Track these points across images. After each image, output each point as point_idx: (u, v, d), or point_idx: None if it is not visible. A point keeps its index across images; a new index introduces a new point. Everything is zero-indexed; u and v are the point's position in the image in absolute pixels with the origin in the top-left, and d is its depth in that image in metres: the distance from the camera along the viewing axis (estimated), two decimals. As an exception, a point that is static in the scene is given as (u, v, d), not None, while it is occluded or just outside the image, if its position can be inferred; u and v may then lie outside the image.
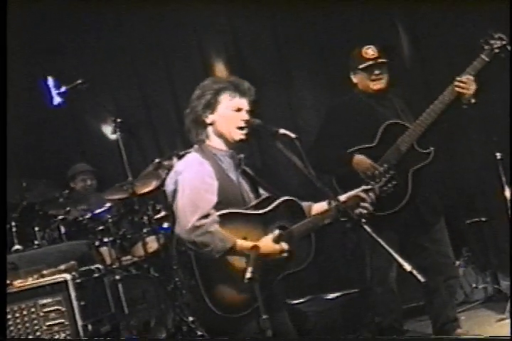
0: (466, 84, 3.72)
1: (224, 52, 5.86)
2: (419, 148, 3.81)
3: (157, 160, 4.91)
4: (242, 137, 2.99)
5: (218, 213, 2.84)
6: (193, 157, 2.99)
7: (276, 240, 2.84)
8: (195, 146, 3.05)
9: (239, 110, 2.99)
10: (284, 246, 2.87)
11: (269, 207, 2.96)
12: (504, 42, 3.77)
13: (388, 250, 2.65)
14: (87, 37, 5.89)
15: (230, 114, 2.98)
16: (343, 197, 3.03)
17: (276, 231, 2.86)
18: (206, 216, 2.80)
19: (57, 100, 4.55)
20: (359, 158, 3.84)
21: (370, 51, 3.92)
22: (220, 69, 5.82)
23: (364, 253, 4.01)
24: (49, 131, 6.00)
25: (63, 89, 4.53)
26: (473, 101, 3.77)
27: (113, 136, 4.73)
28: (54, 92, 4.56)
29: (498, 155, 4.36)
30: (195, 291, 2.81)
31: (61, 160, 5.87)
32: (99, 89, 5.58)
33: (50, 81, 4.56)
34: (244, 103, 2.99)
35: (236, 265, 2.81)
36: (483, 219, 4.98)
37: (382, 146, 3.83)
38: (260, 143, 5.65)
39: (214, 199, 2.87)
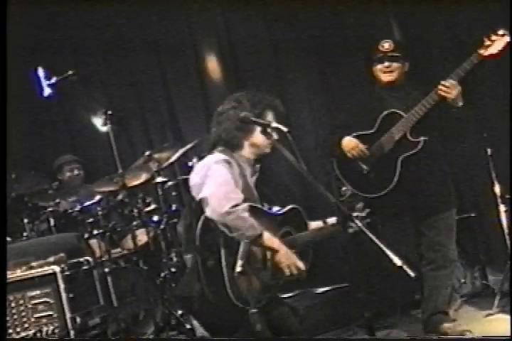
0: (449, 88, 3.81)
1: (217, 48, 5.84)
2: (411, 137, 3.93)
3: (147, 153, 4.90)
4: (268, 151, 3.16)
5: (247, 204, 2.95)
6: (220, 156, 3.07)
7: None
8: (220, 148, 3.12)
9: (273, 129, 3.11)
10: (302, 265, 2.95)
11: (282, 211, 3.11)
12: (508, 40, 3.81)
13: (379, 245, 2.66)
14: (79, 28, 5.85)
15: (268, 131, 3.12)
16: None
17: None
18: (238, 204, 2.91)
19: (47, 91, 4.51)
20: (346, 139, 4.02)
21: (386, 45, 4.03)
22: (213, 65, 5.80)
23: (355, 247, 4.02)
24: (39, 122, 5.97)
25: (54, 80, 4.49)
26: (460, 104, 3.86)
27: (103, 128, 4.70)
28: (44, 83, 4.52)
29: (489, 151, 4.39)
30: (214, 278, 2.85)
31: (51, 152, 5.84)
32: (90, 81, 5.55)
33: (41, 72, 4.53)
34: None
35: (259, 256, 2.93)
36: (473, 214, 4.99)
37: (379, 134, 4.01)
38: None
39: (241, 195, 2.97)
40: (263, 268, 2.97)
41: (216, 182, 2.95)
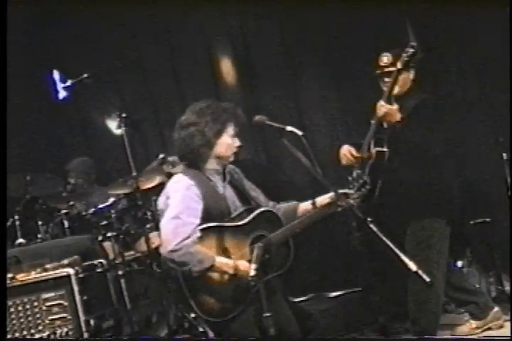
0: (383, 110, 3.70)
1: (231, 50, 5.84)
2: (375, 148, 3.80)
3: (161, 156, 4.89)
4: (233, 159, 3.34)
5: (200, 227, 3.10)
6: (180, 180, 3.24)
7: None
8: (184, 167, 3.33)
9: (235, 137, 3.32)
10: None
11: (248, 219, 3.20)
12: (413, 51, 3.68)
13: (394, 249, 2.64)
14: (94, 31, 5.88)
15: (230, 141, 3.30)
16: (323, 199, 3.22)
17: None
18: (187, 238, 3.06)
19: (62, 94, 4.54)
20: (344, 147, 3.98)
21: (384, 59, 3.92)
22: (227, 66, 5.80)
23: (368, 251, 4.00)
24: (54, 124, 6.00)
25: (69, 83, 4.51)
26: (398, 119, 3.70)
27: (118, 131, 4.72)
28: (59, 86, 4.55)
29: (505, 155, 4.35)
30: (182, 297, 3.08)
31: (65, 155, 5.86)
32: (104, 84, 5.56)
33: (56, 75, 4.55)
34: (238, 132, 3.32)
35: (214, 279, 3.08)
36: (488, 219, 4.95)
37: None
38: (266, 141, 5.64)
39: (196, 221, 3.13)
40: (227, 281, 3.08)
41: (169, 218, 3.13)
